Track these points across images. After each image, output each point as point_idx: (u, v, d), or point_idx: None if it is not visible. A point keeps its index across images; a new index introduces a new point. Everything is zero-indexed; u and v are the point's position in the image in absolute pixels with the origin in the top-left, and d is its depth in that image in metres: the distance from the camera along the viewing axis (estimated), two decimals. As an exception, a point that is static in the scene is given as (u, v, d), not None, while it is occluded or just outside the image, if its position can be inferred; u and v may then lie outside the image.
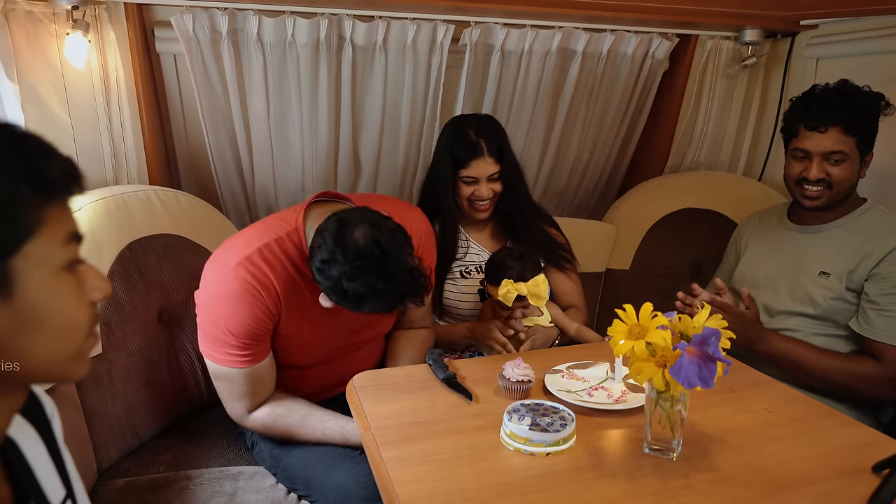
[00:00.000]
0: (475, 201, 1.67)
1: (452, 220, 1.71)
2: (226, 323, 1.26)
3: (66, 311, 0.58)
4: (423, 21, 1.82)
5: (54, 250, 0.56)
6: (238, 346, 1.28)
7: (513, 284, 1.47)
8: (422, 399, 1.20)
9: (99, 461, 1.41)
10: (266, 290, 1.27)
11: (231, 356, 1.29)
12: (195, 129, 1.93)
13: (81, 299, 0.59)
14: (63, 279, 0.57)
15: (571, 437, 1.04)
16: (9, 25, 1.49)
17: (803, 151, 1.56)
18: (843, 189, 1.54)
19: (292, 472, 1.37)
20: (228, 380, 1.33)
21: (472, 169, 1.63)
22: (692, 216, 2.19)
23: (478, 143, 1.62)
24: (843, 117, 1.49)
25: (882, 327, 1.47)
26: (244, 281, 1.25)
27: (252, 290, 1.25)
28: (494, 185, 1.66)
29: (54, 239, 0.56)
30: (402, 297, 1.16)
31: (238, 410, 1.37)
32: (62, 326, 0.57)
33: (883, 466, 0.98)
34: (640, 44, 2.04)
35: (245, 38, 1.75)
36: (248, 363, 1.30)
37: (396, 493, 0.92)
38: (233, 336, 1.27)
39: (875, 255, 1.50)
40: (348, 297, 1.14)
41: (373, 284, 1.12)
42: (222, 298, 1.27)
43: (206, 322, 1.31)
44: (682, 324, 1.01)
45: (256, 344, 1.30)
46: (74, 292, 0.58)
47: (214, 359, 1.31)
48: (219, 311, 1.28)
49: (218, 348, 1.30)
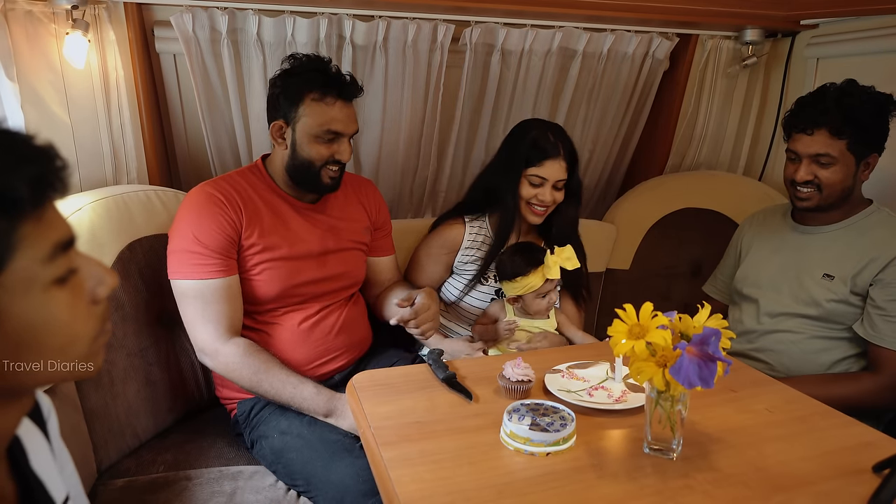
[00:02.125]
0: (534, 204, 1.64)
1: (509, 218, 1.66)
2: (193, 231, 1.41)
3: (62, 328, 0.53)
4: (423, 21, 1.82)
5: (37, 270, 0.51)
6: (205, 254, 1.41)
7: (551, 256, 1.55)
8: (422, 399, 1.20)
9: (99, 461, 1.41)
10: (228, 200, 1.45)
11: (199, 266, 1.40)
12: (195, 129, 1.93)
13: (78, 310, 0.55)
14: (53, 296, 0.52)
15: (571, 437, 1.04)
16: (8, 25, 1.49)
17: (794, 153, 1.56)
18: (834, 192, 1.53)
19: (293, 468, 1.37)
20: (197, 297, 1.40)
21: (543, 168, 1.61)
22: (692, 216, 2.19)
23: (556, 145, 1.61)
24: (829, 120, 1.48)
25: (888, 333, 1.47)
26: (208, 194, 1.45)
27: (215, 200, 1.44)
28: (558, 193, 1.64)
29: (35, 258, 0.50)
30: (351, 83, 1.48)
31: (211, 335, 1.41)
32: (60, 343, 0.54)
33: (883, 466, 0.98)
34: (641, 43, 2.04)
35: (245, 37, 1.75)
36: (216, 274, 1.41)
37: (396, 493, 0.92)
38: (200, 244, 1.40)
39: (881, 259, 1.49)
40: (317, 71, 1.45)
41: (328, 67, 1.48)
42: (189, 212, 1.44)
43: (176, 239, 1.44)
44: (682, 324, 1.01)
45: (223, 255, 1.43)
46: (68, 306, 0.54)
47: (182, 274, 1.41)
48: (186, 223, 1.43)
49: (186, 260, 1.40)
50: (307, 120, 1.45)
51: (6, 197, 0.48)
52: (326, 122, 1.45)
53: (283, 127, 1.48)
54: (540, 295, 1.59)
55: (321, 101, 1.45)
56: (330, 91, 1.45)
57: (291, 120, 1.46)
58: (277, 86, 1.48)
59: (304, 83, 1.44)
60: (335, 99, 1.46)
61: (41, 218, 0.51)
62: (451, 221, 1.75)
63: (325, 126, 1.45)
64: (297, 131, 1.47)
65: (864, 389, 1.49)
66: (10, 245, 0.49)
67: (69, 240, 0.54)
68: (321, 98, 1.45)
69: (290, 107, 1.45)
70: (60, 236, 0.53)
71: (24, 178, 0.49)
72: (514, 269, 1.58)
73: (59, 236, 0.53)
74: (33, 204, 0.50)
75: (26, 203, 0.49)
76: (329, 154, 1.48)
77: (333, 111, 1.46)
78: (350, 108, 1.50)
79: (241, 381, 1.42)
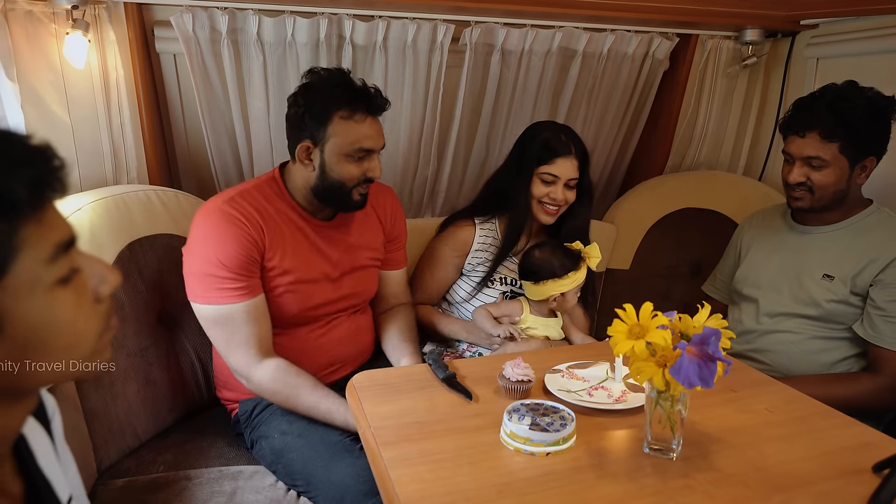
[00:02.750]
0: (546, 203, 1.64)
1: (521, 218, 1.66)
2: (216, 254, 1.34)
3: (68, 327, 0.54)
4: (423, 21, 1.82)
5: (40, 272, 0.51)
6: (230, 277, 1.35)
7: (591, 248, 1.56)
8: (422, 399, 1.20)
9: (98, 461, 1.41)
10: (250, 221, 1.39)
11: (225, 291, 1.35)
12: (195, 129, 1.92)
13: (83, 309, 0.55)
14: (57, 296, 0.52)
15: (571, 437, 1.04)
16: (9, 25, 1.49)
17: (788, 155, 1.57)
18: (825, 194, 1.53)
19: (293, 468, 1.37)
20: (226, 322, 1.36)
21: (555, 166, 1.61)
22: (692, 216, 2.19)
23: (567, 144, 1.62)
24: (820, 123, 1.47)
25: (888, 333, 1.47)
26: (228, 214, 1.38)
27: (236, 221, 1.37)
28: (570, 192, 1.64)
29: (37, 260, 0.50)
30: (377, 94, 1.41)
31: (243, 358, 1.38)
32: (67, 342, 0.54)
33: (883, 466, 0.98)
34: (641, 44, 2.04)
35: (245, 37, 1.75)
36: (242, 297, 1.36)
37: (396, 493, 0.92)
38: (224, 267, 1.34)
39: (881, 260, 1.49)
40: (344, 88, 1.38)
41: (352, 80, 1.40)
42: (210, 233, 1.37)
43: (197, 262, 1.37)
44: (682, 324, 1.01)
45: (248, 276, 1.37)
46: (73, 305, 0.54)
47: (208, 299, 1.36)
48: (208, 246, 1.36)
49: (210, 285, 1.35)
50: (337, 139, 1.38)
51: (5, 200, 0.48)
52: (357, 141, 1.39)
53: (310, 148, 1.40)
54: (578, 291, 1.59)
55: (350, 118, 1.38)
56: (359, 107, 1.38)
57: (320, 140, 1.39)
58: (300, 104, 1.40)
59: (330, 101, 1.37)
60: (364, 115, 1.40)
61: (41, 219, 0.51)
62: (460, 223, 1.74)
63: (357, 144, 1.39)
64: (325, 152, 1.40)
65: (863, 390, 1.50)
66: (11, 248, 0.48)
67: (70, 240, 0.54)
68: (350, 116, 1.38)
69: (318, 127, 1.38)
70: (62, 237, 0.53)
71: (23, 180, 0.48)
72: (562, 266, 1.54)
73: (61, 237, 0.53)
74: (33, 206, 0.49)
75: (26, 205, 0.49)
76: (360, 173, 1.42)
77: (364, 128, 1.40)
78: (378, 123, 1.44)
79: (275, 402, 1.42)
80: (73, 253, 0.55)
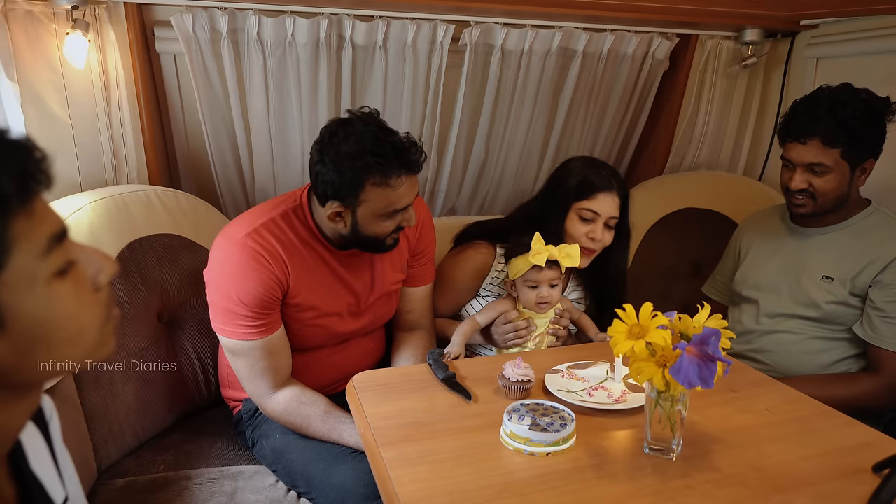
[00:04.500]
0: (583, 244, 1.51)
1: None
2: (237, 293, 1.30)
3: (70, 320, 0.53)
4: (423, 21, 1.82)
5: (36, 266, 0.51)
6: (250, 315, 1.31)
7: (542, 244, 1.39)
8: (422, 399, 1.20)
9: (99, 461, 1.41)
10: (274, 258, 1.32)
11: (244, 328, 1.32)
12: (195, 129, 1.92)
13: (83, 300, 0.55)
14: (56, 288, 0.52)
15: (571, 437, 1.04)
16: (9, 25, 1.49)
17: (788, 161, 1.55)
18: (828, 199, 1.52)
19: (293, 468, 1.37)
20: (245, 355, 1.34)
21: (596, 202, 1.51)
22: (692, 216, 2.19)
23: (608, 178, 1.53)
24: (822, 129, 1.45)
25: (887, 334, 1.47)
26: (252, 250, 1.31)
27: (259, 259, 1.31)
28: (608, 233, 1.54)
29: (32, 254, 0.50)
30: (409, 148, 1.29)
31: (259, 389, 1.37)
32: (70, 334, 0.54)
33: (883, 466, 0.98)
34: (641, 44, 2.04)
35: (245, 37, 1.75)
36: (261, 334, 1.33)
37: (396, 493, 0.92)
38: (244, 305, 1.30)
39: (880, 261, 1.49)
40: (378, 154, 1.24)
41: (386, 137, 1.27)
42: (232, 269, 1.32)
43: (217, 296, 1.34)
44: (682, 324, 1.01)
45: (267, 313, 1.33)
46: (73, 296, 0.54)
47: (228, 333, 1.34)
48: (229, 282, 1.31)
49: (231, 321, 1.32)
50: (370, 205, 1.29)
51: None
52: (392, 204, 1.29)
53: (341, 211, 1.31)
54: (529, 284, 1.46)
55: (385, 185, 1.27)
56: (393, 171, 1.26)
57: (350, 205, 1.29)
58: (326, 164, 1.27)
59: (363, 169, 1.25)
60: (400, 177, 1.28)
61: (31, 213, 0.51)
62: (479, 247, 1.62)
63: (391, 207, 1.30)
64: (358, 214, 1.30)
65: (863, 390, 1.50)
66: (5, 244, 0.48)
67: (62, 231, 0.54)
68: (384, 181, 1.26)
69: (349, 194, 1.28)
70: (54, 229, 0.53)
71: (8, 174, 0.48)
72: (511, 247, 1.48)
73: (53, 229, 0.53)
74: (21, 200, 0.49)
75: (14, 200, 0.49)
76: (395, 225, 1.34)
77: (399, 191, 1.29)
78: (414, 176, 1.32)
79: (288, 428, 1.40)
80: (68, 244, 0.55)
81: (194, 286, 1.65)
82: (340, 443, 1.35)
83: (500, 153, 2.16)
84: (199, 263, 1.65)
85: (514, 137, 2.13)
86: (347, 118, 1.32)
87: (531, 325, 1.51)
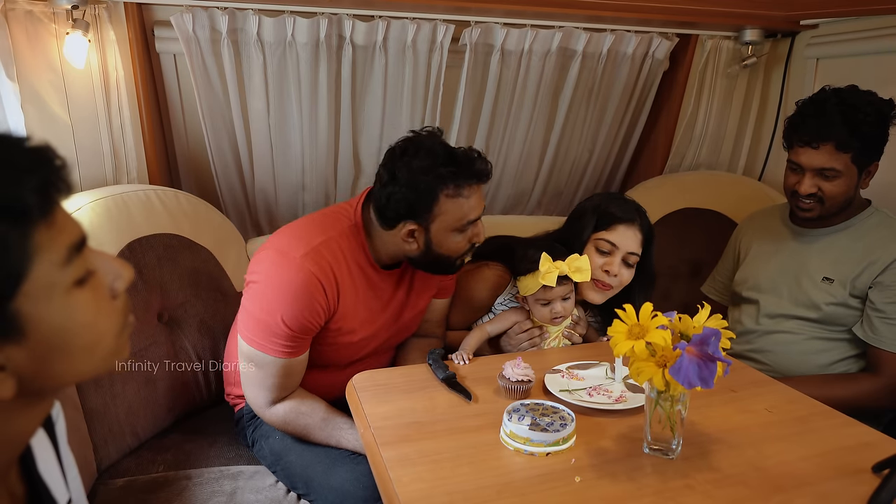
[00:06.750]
0: (599, 278, 1.47)
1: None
2: (283, 314, 1.27)
3: (89, 328, 0.54)
4: (423, 21, 1.82)
5: (56, 275, 0.51)
6: (287, 336, 1.29)
7: (552, 262, 1.37)
8: (422, 399, 1.20)
9: (99, 461, 1.41)
10: (329, 285, 1.30)
11: (277, 346, 1.29)
12: (195, 129, 1.92)
13: (101, 308, 0.55)
14: (75, 298, 0.52)
15: (571, 437, 1.04)
16: (9, 25, 1.49)
17: (797, 165, 1.53)
18: (836, 203, 1.52)
19: (293, 470, 1.37)
20: (262, 367, 1.32)
21: (615, 234, 1.47)
22: (692, 216, 2.19)
23: (632, 212, 1.49)
24: (836, 134, 1.44)
25: (887, 335, 1.47)
26: (310, 273, 1.27)
27: (316, 285, 1.28)
28: (626, 271, 1.49)
29: (53, 263, 0.50)
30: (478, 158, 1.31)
31: (260, 399, 1.36)
32: (88, 342, 0.54)
33: (883, 466, 0.98)
34: (640, 44, 2.04)
35: (245, 37, 1.75)
36: (289, 355, 1.31)
37: (396, 493, 0.92)
38: (286, 327, 1.28)
39: (880, 262, 1.49)
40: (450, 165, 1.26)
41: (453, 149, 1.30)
42: (284, 289, 1.28)
43: (259, 308, 1.30)
44: (682, 324, 1.01)
45: (304, 337, 1.32)
46: (92, 305, 0.54)
47: (257, 345, 1.31)
48: (278, 300, 1.27)
49: (266, 336, 1.29)
50: (445, 217, 1.29)
51: (16, 208, 0.48)
52: (465, 216, 1.30)
53: (415, 230, 1.31)
54: (541, 302, 1.44)
55: (458, 196, 1.28)
56: (464, 181, 1.28)
57: (425, 221, 1.30)
58: (398, 181, 1.27)
59: (437, 181, 1.26)
60: (471, 186, 1.29)
61: (52, 223, 0.51)
62: (495, 267, 1.58)
63: (465, 219, 1.30)
64: (432, 231, 1.31)
65: (862, 390, 1.50)
66: (27, 254, 0.48)
67: (82, 240, 0.54)
68: (458, 192, 1.28)
69: (424, 209, 1.28)
70: (73, 238, 0.53)
71: (31, 186, 0.48)
72: (518, 263, 1.45)
73: (72, 238, 0.53)
74: (42, 210, 0.49)
75: (36, 211, 0.49)
76: (467, 242, 1.35)
77: (472, 201, 1.30)
78: (482, 187, 1.33)
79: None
80: (86, 253, 0.55)
81: (194, 286, 1.65)
82: (340, 447, 1.35)
83: (500, 153, 2.16)
84: (199, 263, 1.65)
85: (514, 137, 2.13)
86: (412, 136, 1.32)
87: (545, 332, 1.50)
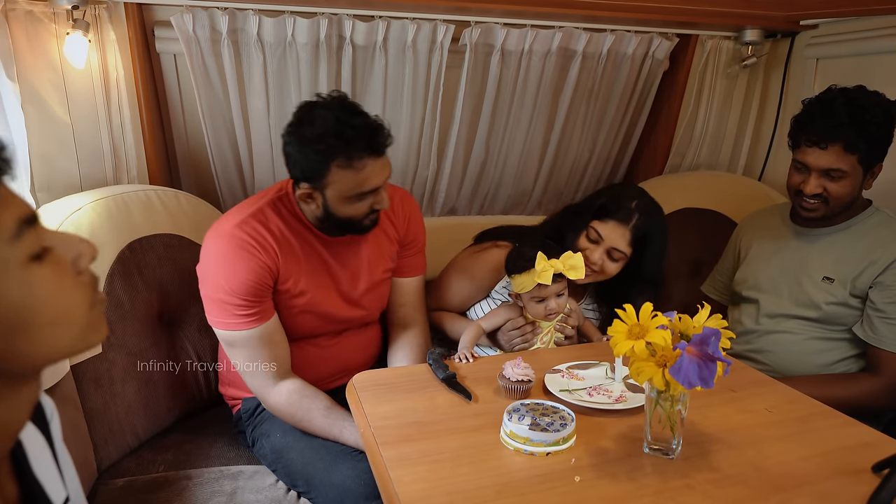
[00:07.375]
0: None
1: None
2: (227, 282, 1.32)
3: (51, 304, 0.53)
4: (423, 21, 1.82)
5: (7, 250, 0.50)
6: (242, 304, 1.33)
7: (547, 261, 1.38)
8: (422, 399, 1.20)
9: (99, 461, 1.41)
10: (262, 246, 1.35)
11: (238, 318, 1.34)
12: (195, 128, 1.92)
13: (64, 284, 0.55)
14: (34, 273, 0.52)
15: (571, 437, 1.04)
16: (9, 25, 1.49)
17: (803, 164, 1.53)
18: (840, 203, 1.52)
19: (293, 468, 1.37)
20: (242, 346, 1.36)
21: (604, 227, 1.50)
22: (692, 216, 2.19)
23: (630, 212, 1.49)
24: (844, 135, 1.43)
25: (887, 335, 1.47)
26: (239, 239, 1.34)
27: (247, 247, 1.33)
28: (610, 264, 1.51)
29: (1, 239, 0.50)
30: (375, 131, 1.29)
31: (259, 380, 1.38)
32: (52, 318, 0.54)
33: (883, 466, 0.98)
34: (640, 44, 2.04)
35: (245, 37, 1.75)
36: (255, 323, 1.35)
37: (396, 493, 0.92)
38: (235, 294, 1.32)
39: (880, 262, 1.49)
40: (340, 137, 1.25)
41: (349, 120, 1.27)
42: (220, 260, 1.34)
43: (210, 288, 1.36)
44: (682, 324, 1.01)
45: (259, 301, 1.35)
46: (53, 280, 0.53)
47: (223, 325, 1.36)
48: (219, 272, 1.34)
49: (224, 312, 1.34)
50: (337, 186, 1.30)
51: None
52: (358, 186, 1.30)
53: (311, 193, 1.33)
54: (536, 299, 1.45)
55: (349, 167, 1.28)
56: (356, 153, 1.27)
57: (318, 187, 1.32)
58: (293, 147, 1.30)
59: (326, 151, 1.27)
60: (364, 159, 1.28)
61: None
62: (504, 247, 1.60)
63: (358, 189, 1.31)
64: (327, 196, 1.32)
65: (862, 390, 1.50)
66: None
67: (31, 216, 0.53)
68: (348, 164, 1.28)
69: (315, 175, 1.30)
70: (20, 213, 0.53)
71: None
72: (512, 262, 1.46)
73: (20, 213, 0.52)
74: None
75: None
76: (368, 207, 1.36)
77: (364, 173, 1.29)
78: (382, 159, 1.32)
79: (288, 423, 1.40)
80: (40, 230, 0.55)
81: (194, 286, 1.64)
82: (340, 440, 1.35)
83: (500, 153, 2.16)
84: (199, 263, 1.64)
85: (514, 137, 2.13)
86: (313, 101, 1.32)
87: (537, 327, 1.51)
